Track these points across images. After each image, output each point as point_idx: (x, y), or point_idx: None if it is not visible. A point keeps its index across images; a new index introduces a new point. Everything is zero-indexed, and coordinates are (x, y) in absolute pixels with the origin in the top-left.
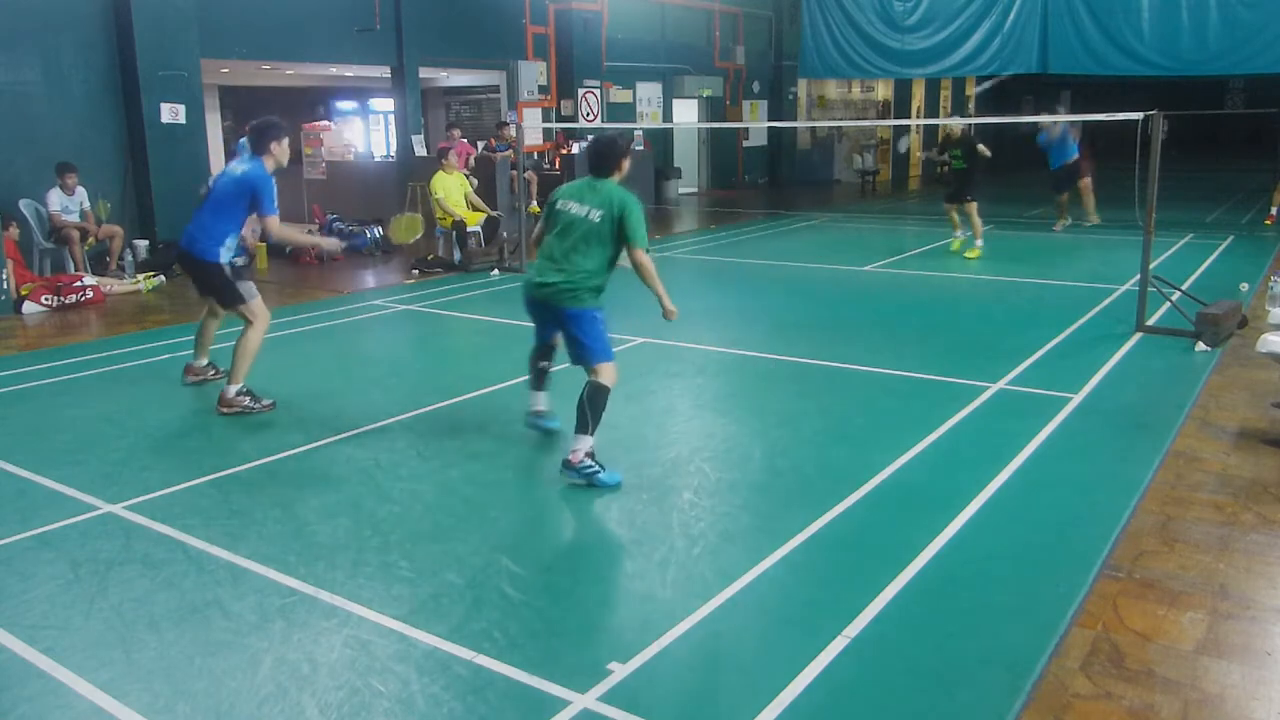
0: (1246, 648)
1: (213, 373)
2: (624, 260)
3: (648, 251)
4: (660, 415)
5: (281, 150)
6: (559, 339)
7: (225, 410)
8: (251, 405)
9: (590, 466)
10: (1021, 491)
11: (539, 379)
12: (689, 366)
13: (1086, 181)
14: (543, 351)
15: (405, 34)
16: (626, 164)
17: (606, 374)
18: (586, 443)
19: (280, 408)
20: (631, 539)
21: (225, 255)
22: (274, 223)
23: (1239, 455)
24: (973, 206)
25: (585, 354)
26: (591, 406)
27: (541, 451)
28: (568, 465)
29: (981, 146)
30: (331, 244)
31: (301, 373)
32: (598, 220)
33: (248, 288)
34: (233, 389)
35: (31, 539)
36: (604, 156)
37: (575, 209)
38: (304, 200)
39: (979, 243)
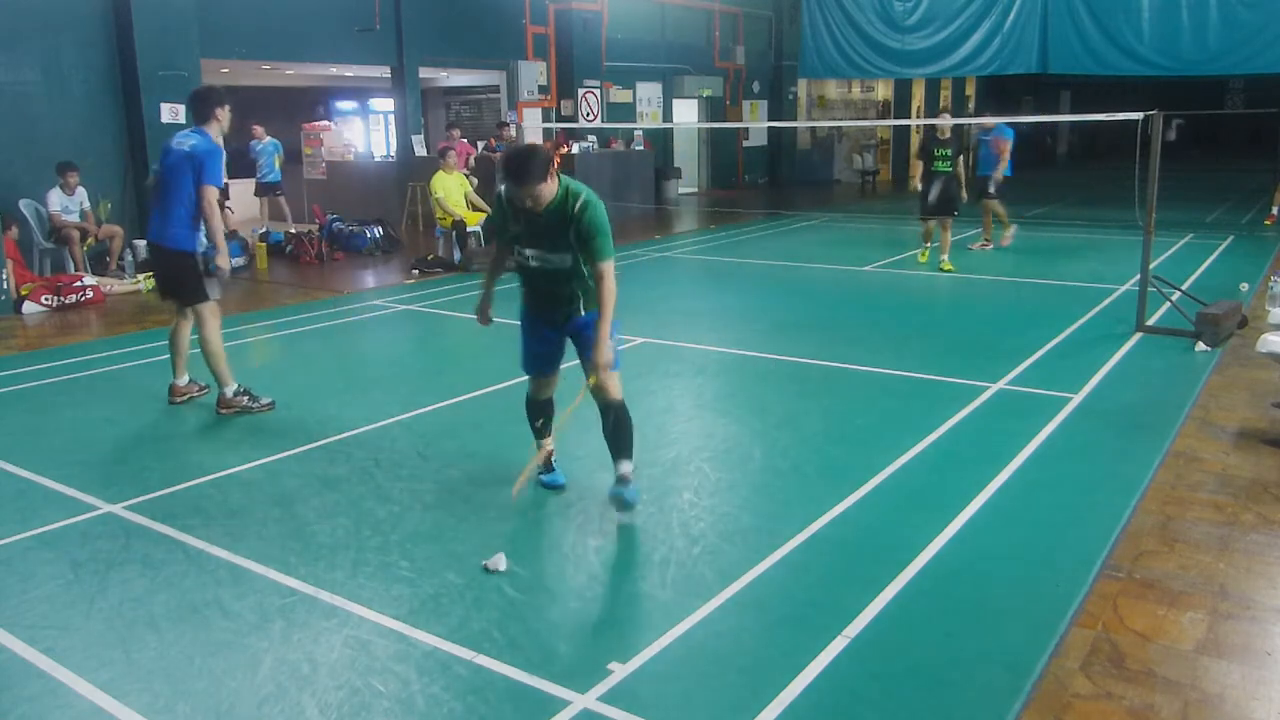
0: (1246, 648)
1: (197, 390)
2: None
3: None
4: (660, 415)
5: (226, 115)
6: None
7: (225, 411)
8: (250, 404)
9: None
10: (1021, 491)
11: None
12: (689, 366)
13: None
14: None
15: (405, 34)
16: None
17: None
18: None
19: (280, 408)
20: (631, 539)
21: (197, 243)
22: (210, 193)
23: (1239, 455)
24: (949, 221)
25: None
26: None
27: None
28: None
29: (959, 159)
30: (224, 263)
31: (301, 373)
32: None
33: (213, 286)
34: (229, 390)
35: (31, 539)
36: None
37: None
38: (304, 200)
39: (945, 255)
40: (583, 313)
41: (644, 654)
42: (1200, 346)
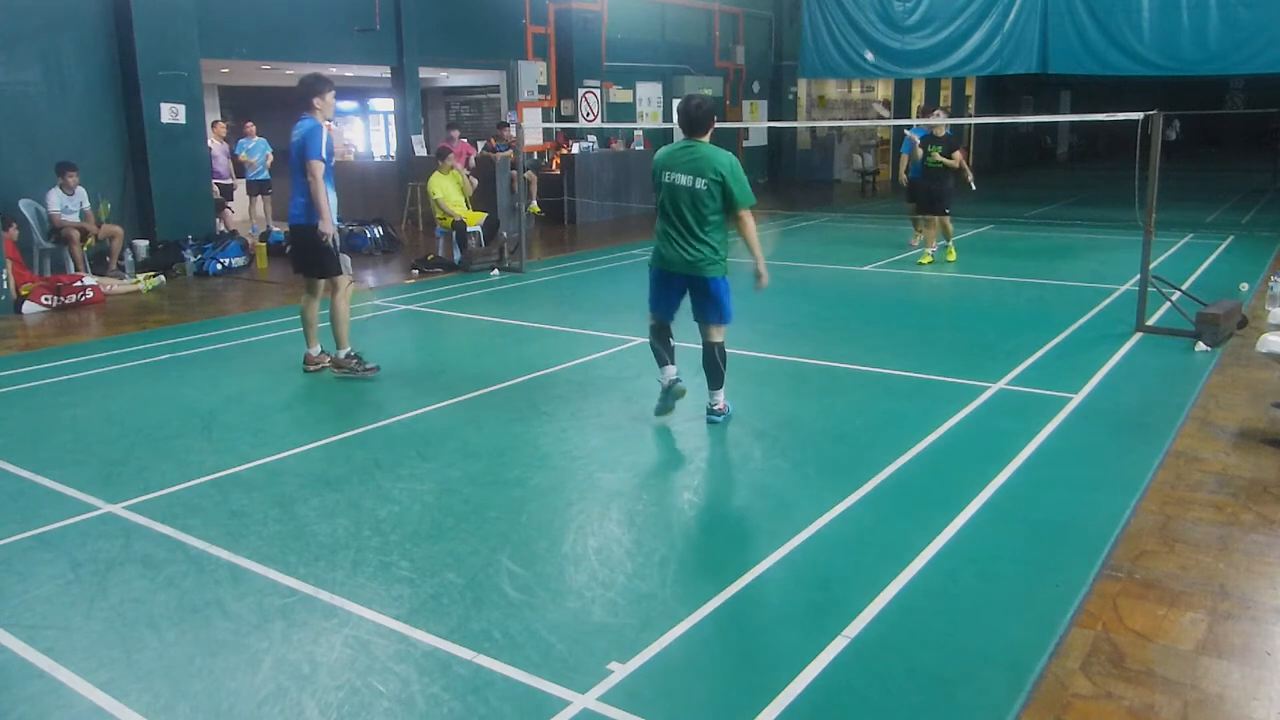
0: (1246, 648)
1: (329, 360)
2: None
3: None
4: (661, 415)
5: (325, 103)
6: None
7: (338, 371)
8: (358, 367)
9: (725, 414)
10: (1021, 491)
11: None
12: (689, 366)
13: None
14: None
15: (405, 34)
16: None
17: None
18: (723, 394)
19: (279, 407)
20: (631, 539)
21: (334, 219)
22: (314, 167)
23: (1239, 455)
24: (947, 219)
25: (712, 313)
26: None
27: (541, 451)
28: (716, 412)
29: (958, 154)
30: (325, 229)
31: (301, 372)
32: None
33: (345, 261)
34: (342, 353)
35: (31, 539)
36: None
37: (681, 179)
38: None
39: (930, 250)
40: None
41: (644, 654)
42: (1200, 346)
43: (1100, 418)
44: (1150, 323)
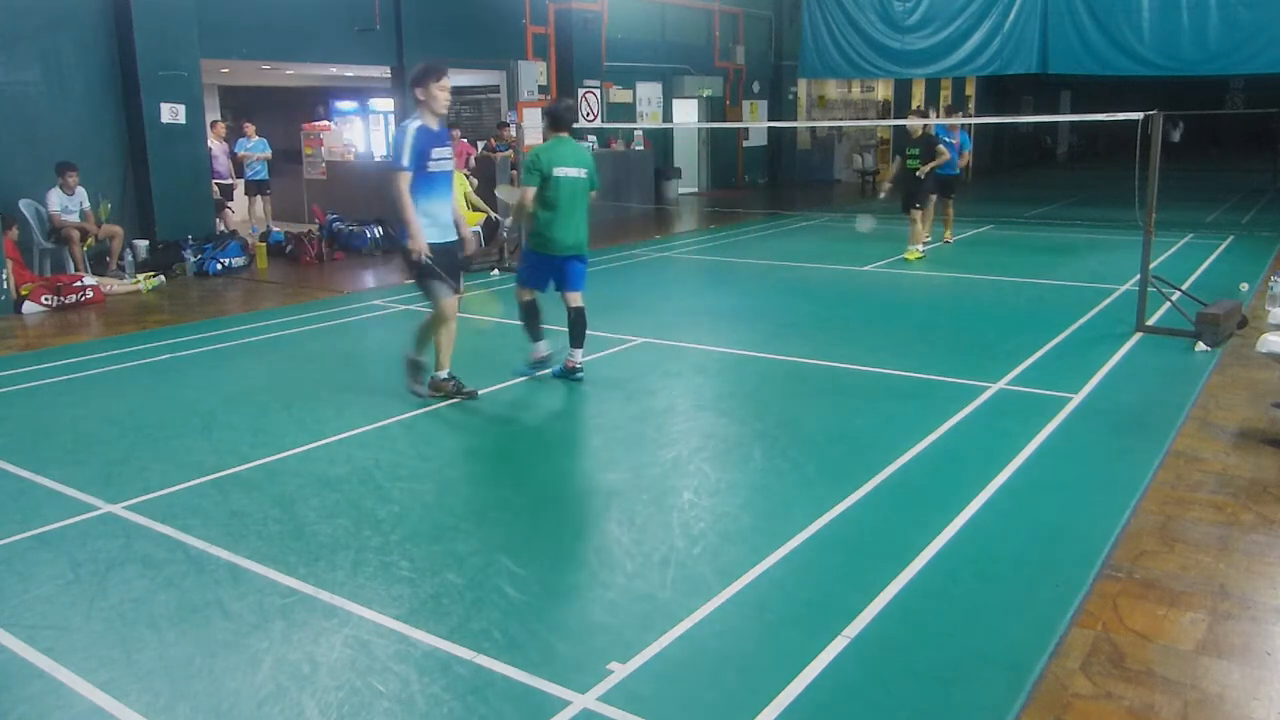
0: (1246, 648)
1: (436, 383)
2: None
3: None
4: (660, 415)
5: (429, 94)
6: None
7: (432, 394)
8: (413, 384)
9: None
10: (1022, 491)
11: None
12: (689, 366)
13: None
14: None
15: (405, 34)
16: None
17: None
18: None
19: (279, 408)
20: (631, 539)
21: (428, 235)
22: (396, 179)
23: (1239, 455)
24: (918, 214)
25: (580, 283)
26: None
27: (541, 450)
28: (577, 369)
29: (941, 148)
30: (420, 244)
31: (302, 373)
32: (585, 177)
33: (437, 288)
34: (441, 374)
35: (31, 539)
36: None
37: (572, 172)
38: (304, 200)
39: (918, 247)
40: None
41: (644, 654)
42: (1200, 346)
43: (1100, 418)
44: (1150, 323)
